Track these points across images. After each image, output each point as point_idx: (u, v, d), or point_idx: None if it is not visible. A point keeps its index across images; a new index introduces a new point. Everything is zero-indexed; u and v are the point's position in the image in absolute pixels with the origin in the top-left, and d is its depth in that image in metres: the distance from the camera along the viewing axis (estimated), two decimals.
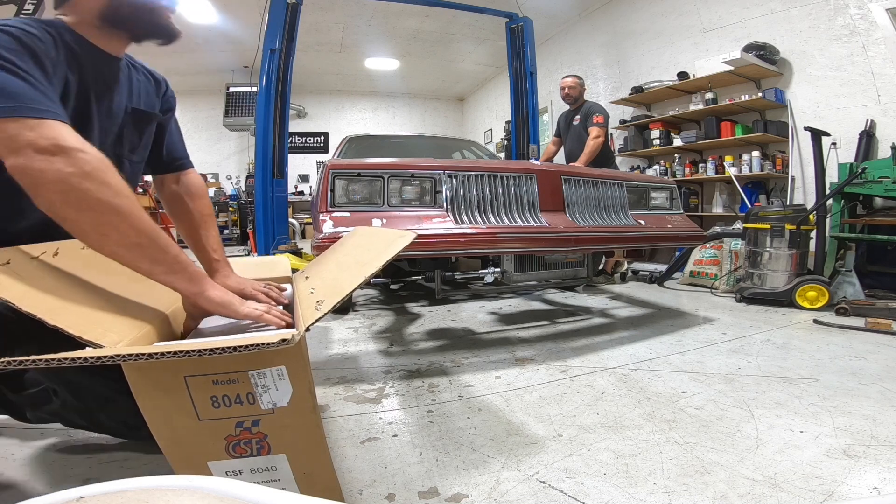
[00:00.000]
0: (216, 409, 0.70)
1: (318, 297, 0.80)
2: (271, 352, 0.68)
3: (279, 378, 0.70)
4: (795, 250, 2.67)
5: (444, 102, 9.97)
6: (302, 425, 0.74)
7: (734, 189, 3.88)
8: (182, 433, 0.71)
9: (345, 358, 1.82)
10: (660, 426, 1.19)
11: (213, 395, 0.70)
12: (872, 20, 3.15)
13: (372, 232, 1.14)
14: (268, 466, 0.75)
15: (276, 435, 0.74)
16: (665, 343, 1.96)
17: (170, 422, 0.71)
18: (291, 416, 0.73)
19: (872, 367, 1.60)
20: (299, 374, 0.71)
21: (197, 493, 0.34)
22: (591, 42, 5.66)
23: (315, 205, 2.14)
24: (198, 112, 8.71)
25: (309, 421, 0.74)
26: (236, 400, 0.70)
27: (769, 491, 0.90)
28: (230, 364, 0.68)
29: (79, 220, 0.69)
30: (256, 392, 0.71)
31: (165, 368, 0.67)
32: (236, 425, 0.72)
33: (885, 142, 3.06)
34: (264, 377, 0.70)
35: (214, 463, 0.73)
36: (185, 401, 0.69)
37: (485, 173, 1.92)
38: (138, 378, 0.67)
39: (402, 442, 1.12)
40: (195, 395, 0.69)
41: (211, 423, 0.71)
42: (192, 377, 0.68)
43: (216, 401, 0.70)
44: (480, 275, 2.12)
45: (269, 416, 0.72)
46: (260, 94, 3.53)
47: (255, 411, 0.72)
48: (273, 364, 0.70)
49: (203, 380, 0.69)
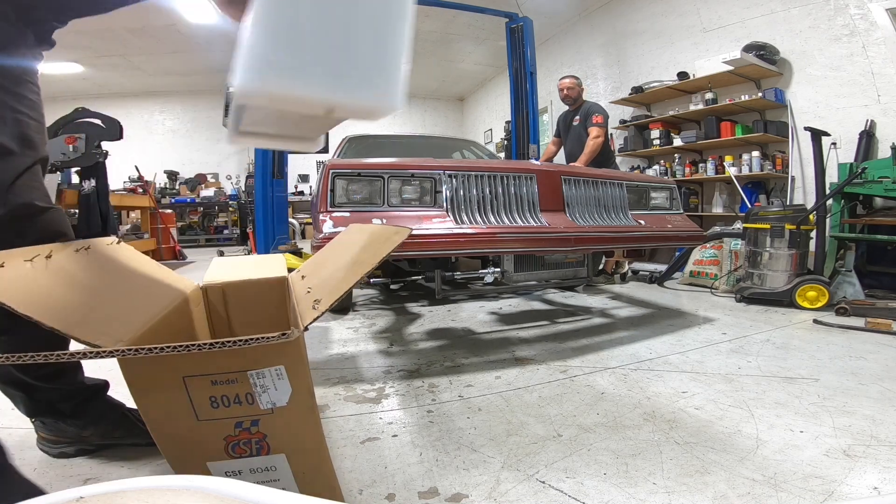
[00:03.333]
0: (215, 410, 0.70)
1: (316, 297, 0.80)
2: (271, 351, 0.68)
3: (278, 378, 0.70)
4: (795, 250, 2.67)
5: (444, 102, 9.98)
6: (301, 425, 0.74)
7: (734, 189, 3.88)
8: (181, 434, 0.71)
9: (345, 358, 1.82)
10: (660, 426, 1.19)
11: (213, 395, 0.70)
12: (872, 20, 3.15)
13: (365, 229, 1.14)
14: (267, 466, 0.75)
15: (276, 435, 0.73)
16: (665, 343, 1.96)
17: (169, 422, 0.70)
18: (291, 416, 0.72)
19: (872, 367, 1.60)
20: (298, 373, 0.71)
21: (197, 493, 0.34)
22: (591, 42, 5.67)
23: (315, 205, 2.14)
24: (198, 112, 8.72)
25: (308, 420, 0.74)
26: (235, 400, 0.70)
27: (769, 491, 0.90)
28: (230, 364, 0.68)
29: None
30: (255, 392, 0.70)
31: (164, 368, 0.67)
32: (235, 425, 0.72)
33: (885, 142, 3.07)
34: (263, 377, 0.70)
35: (214, 463, 0.73)
36: (183, 401, 0.69)
37: (485, 173, 1.92)
38: (137, 378, 0.67)
39: (402, 442, 1.12)
40: (194, 395, 0.69)
41: (210, 423, 0.71)
42: (191, 377, 0.68)
43: (215, 401, 0.70)
44: (480, 275, 2.12)
45: (268, 416, 0.72)
46: None
47: (255, 411, 0.71)
48: (272, 364, 0.69)
49: (202, 380, 0.68)
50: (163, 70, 7.36)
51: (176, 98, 8.60)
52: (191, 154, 8.75)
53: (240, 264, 1.28)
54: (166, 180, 8.17)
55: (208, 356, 0.67)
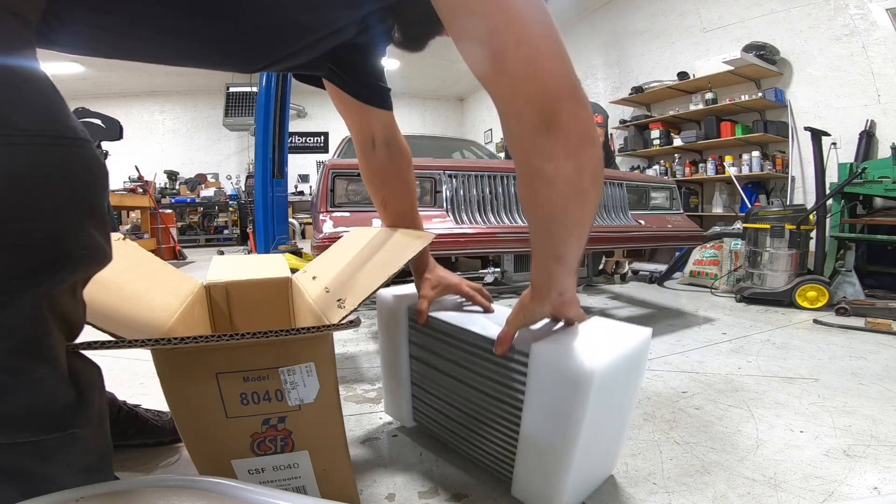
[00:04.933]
0: (245, 406, 0.71)
1: (338, 296, 0.80)
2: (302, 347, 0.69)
3: (307, 374, 0.71)
4: (795, 250, 2.67)
5: (444, 102, 9.98)
6: (326, 422, 0.75)
7: (734, 189, 3.89)
8: (209, 431, 0.71)
9: (345, 358, 1.82)
10: (660, 426, 1.19)
11: (243, 391, 0.70)
12: (872, 20, 3.15)
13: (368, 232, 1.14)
14: (290, 464, 0.76)
15: (301, 432, 0.74)
16: (665, 343, 1.96)
17: (198, 419, 0.71)
18: (316, 413, 0.73)
19: (872, 367, 1.60)
20: (327, 370, 0.72)
21: (197, 493, 0.34)
22: (591, 42, 5.66)
23: (315, 205, 2.14)
24: (198, 112, 8.72)
25: (332, 418, 0.75)
26: (265, 397, 0.71)
27: (769, 491, 0.90)
28: (262, 360, 0.69)
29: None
30: (285, 388, 0.71)
31: (198, 364, 0.67)
32: (263, 422, 0.72)
33: (885, 142, 3.07)
34: (293, 373, 0.70)
35: (238, 461, 0.73)
36: (214, 398, 0.69)
37: (485, 173, 1.92)
38: (170, 373, 0.67)
39: (402, 442, 1.12)
40: (225, 392, 0.69)
41: (238, 420, 0.71)
42: (224, 374, 0.68)
43: (245, 398, 0.70)
44: (480, 275, 2.12)
45: (295, 412, 0.72)
46: (260, 94, 3.53)
47: (283, 408, 0.72)
48: (302, 360, 0.70)
49: (234, 376, 0.69)
50: (163, 70, 7.35)
51: (176, 98, 8.60)
52: (191, 154, 8.75)
53: (242, 263, 1.27)
54: (166, 180, 8.17)
55: (241, 351, 0.67)
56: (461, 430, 0.97)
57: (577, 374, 0.70)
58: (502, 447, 0.88)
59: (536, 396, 0.77)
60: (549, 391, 0.75)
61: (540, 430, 0.78)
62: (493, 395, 0.87)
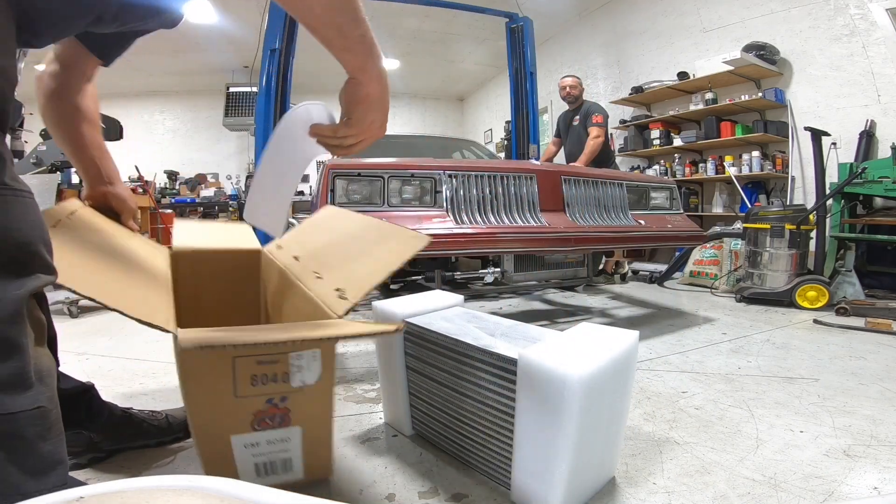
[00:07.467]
0: (254, 388, 0.75)
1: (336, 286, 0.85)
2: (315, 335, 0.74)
3: (313, 360, 0.77)
4: (795, 250, 2.67)
5: (444, 102, 9.97)
6: (320, 401, 0.82)
7: (734, 189, 3.88)
8: (216, 408, 0.75)
9: (344, 357, 1.82)
10: (660, 426, 1.19)
11: (255, 374, 0.75)
12: (872, 20, 3.15)
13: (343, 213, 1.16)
14: (283, 438, 0.81)
15: (298, 409, 0.80)
16: (665, 343, 1.96)
17: (208, 397, 0.75)
18: (314, 393, 0.79)
19: (872, 367, 1.60)
20: (329, 357, 0.79)
21: (197, 493, 0.34)
22: (591, 42, 5.66)
23: (315, 205, 2.14)
24: (198, 112, 8.72)
25: (326, 398, 0.82)
26: (273, 378, 0.76)
27: (769, 491, 0.90)
28: (278, 346, 0.74)
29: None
30: (291, 372, 0.77)
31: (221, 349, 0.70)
32: (267, 401, 0.77)
33: (885, 142, 3.06)
34: (301, 358, 0.76)
35: (237, 436, 0.78)
36: (227, 379, 0.73)
37: (485, 173, 1.91)
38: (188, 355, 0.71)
39: (402, 442, 1.12)
40: (239, 374, 0.74)
41: (245, 399, 0.76)
42: (241, 357, 0.73)
43: (255, 379, 0.75)
44: (480, 275, 2.12)
45: (297, 392, 0.78)
46: (260, 94, 3.53)
47: (286, 389, 0.77)
48: (311, 347, 0.77)
49: (250, 360, 0.74)
50: (163, 70, 7.35)
51: (176, 98, 8.59)
52: (191, 154, 8.73)
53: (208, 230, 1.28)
54: (166, 180, 8.16)
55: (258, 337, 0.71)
56: (459, 438, 0.99)
57: (563, 380, 0.72)
58: (499, 454, 0.89)
59: (526, 404, 0.79)
60: (537, 398, 0.77)
61: (532, 437, 0.80)
62: (486, 403, 0.89)
